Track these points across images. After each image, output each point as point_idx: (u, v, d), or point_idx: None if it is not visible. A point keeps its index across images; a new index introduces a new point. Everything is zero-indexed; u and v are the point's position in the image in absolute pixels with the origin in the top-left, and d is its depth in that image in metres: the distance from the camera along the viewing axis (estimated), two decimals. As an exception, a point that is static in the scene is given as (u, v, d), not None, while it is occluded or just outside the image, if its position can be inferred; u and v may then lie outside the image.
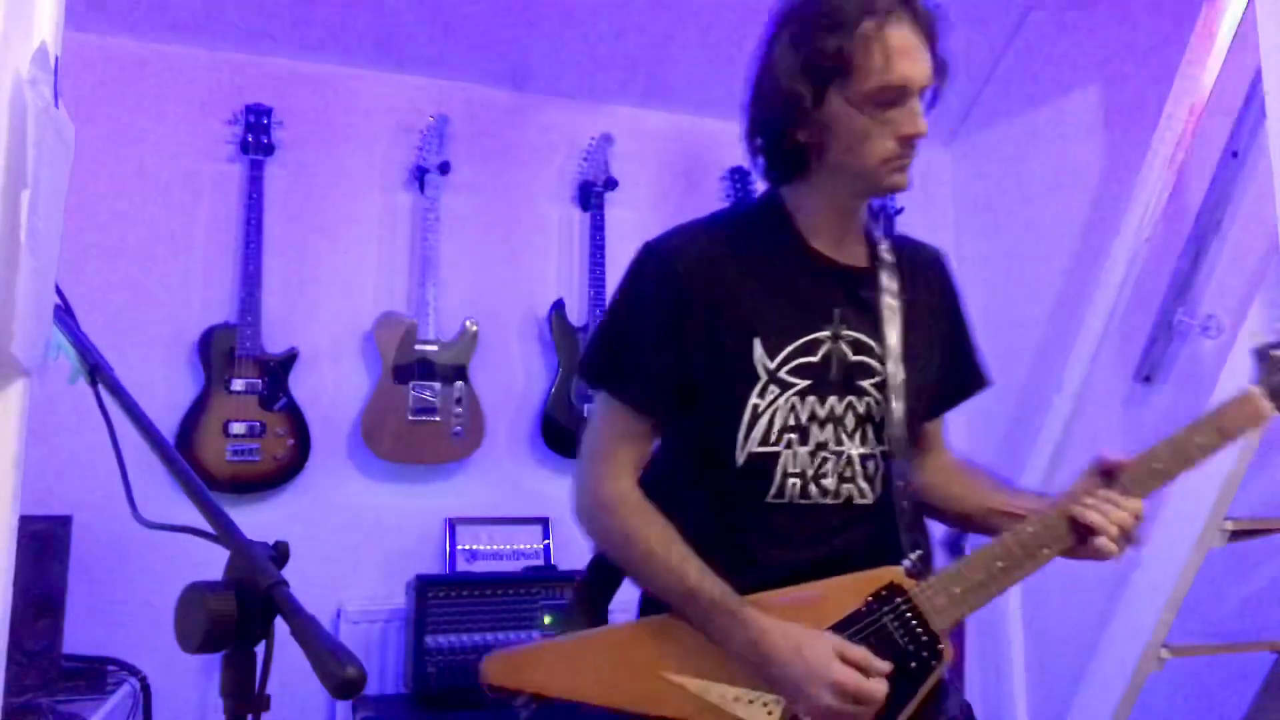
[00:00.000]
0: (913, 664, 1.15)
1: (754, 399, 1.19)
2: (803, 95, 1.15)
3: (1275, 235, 1.95)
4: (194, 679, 2.49)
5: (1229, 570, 2.31)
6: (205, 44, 2.81)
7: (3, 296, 0.93)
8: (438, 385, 2.77)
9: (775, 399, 1.20)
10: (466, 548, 2.79)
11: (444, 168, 2.89)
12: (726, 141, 3.22)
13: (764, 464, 1.20)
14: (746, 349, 1.20)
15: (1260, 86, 1.91)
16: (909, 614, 1.16)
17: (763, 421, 1.20)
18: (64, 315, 1.08)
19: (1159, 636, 2.13)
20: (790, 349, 1.21)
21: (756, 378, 1.20)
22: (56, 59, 1.08)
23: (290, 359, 2.70)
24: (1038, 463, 2.70)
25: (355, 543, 2.75)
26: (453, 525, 2.81)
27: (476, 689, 2.51)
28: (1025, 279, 3.17)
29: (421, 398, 2.75)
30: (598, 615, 1.32)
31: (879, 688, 1.09)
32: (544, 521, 2.85)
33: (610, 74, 3.11)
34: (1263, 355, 1.16)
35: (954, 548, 3.04)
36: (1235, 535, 2.06)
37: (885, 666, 1.11)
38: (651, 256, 1.25)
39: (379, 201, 2.95)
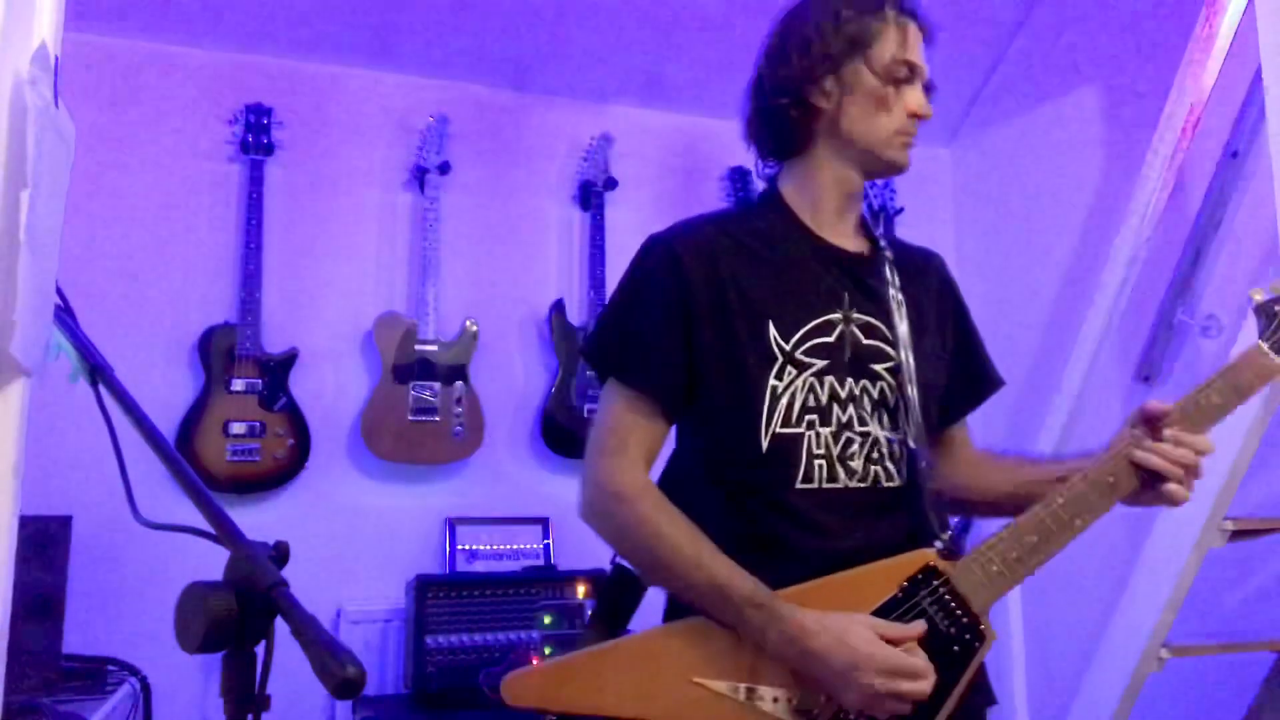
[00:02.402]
0: (956, 647, 1.13)
1: (772, 380, 1.18)
2: (831, 51, 1.21)
3: (1275, 235, 1.95)
4: (194, 679, 2.49)
5: (1229, 570, 2.31)
6: (205, 44, 2.81)
7: (3, 296, 0.93)
8: (438, 385, 2.77)
9: (794, 380, 1.19)
10: (466, 548, 2.79)
11: (444, 168, 2.89)
12: (726, 141, 3.21)
13: (788, 446, 1.18)
14: (761, 331, 1.19)
15: (1260, 86, 1.91)
16: (947, 596, 1.13)
17: (783, 403, 1.18)
18: (64, 315, 1.08)
19: (1159, 636, 2.13)
20: (805, 330, 1.20)
21: (773, 359, 1.18)
22: (56, 59, 1.08)
23: (290, 359, 2.70)
24: (1038, 463, 2.69)
25: (355, 543, 2.75)
26: (453, 525, 2.80)
27: (476, 689, 2.51)
28: (1025, 279, 3.17)
29: (421, 398, 2.75)
30: (619, 630, 1.26)
31: (923, 662, 1.08)
32: (544, 521, 2.85)
33: (610, 74, 3.11)
34: (1266, 311, 1.16)
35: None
36: (1235, 535, 2.06)
37: (920, 630, 1.10)
38: (656, 245, 1.26)
39: (379, 201, 2.95)
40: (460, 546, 2.79)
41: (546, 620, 2.53)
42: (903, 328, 1.24)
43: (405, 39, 2.90)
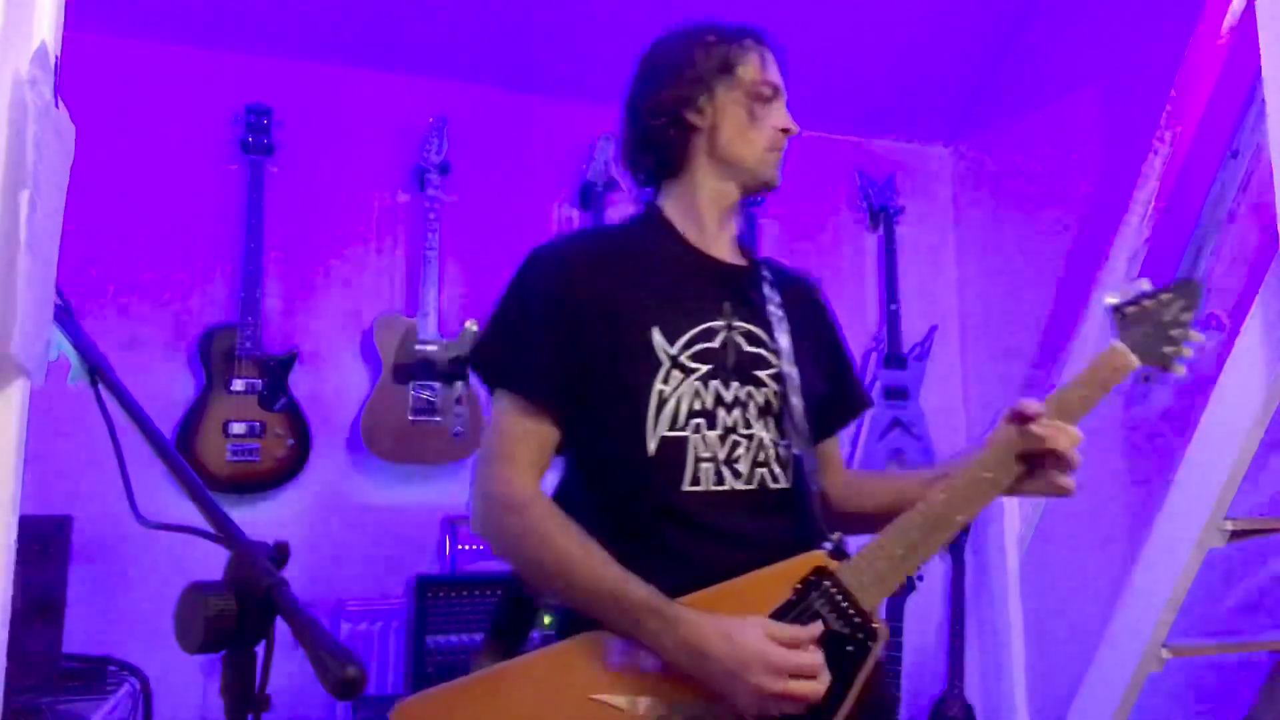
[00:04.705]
0: (850, 647, 1.13)
1: (658, 385, 1.20)
2: (702, 73, 1.30)
3: (1275, 235, 1.95)
4: (194, 679, 2.49)
5: (1229, 570, 2.31)
6: (205, 44, 2.81)
7: (3, 296, 0.93)
8: (438, 385, 2.77)
9: (679, 384, 1.20)
10: (466, 548, 2.79)
11: (444, 168, 2.89)
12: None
13: (675, 449, 1.19)
14: (645, 337, 1.21)
15: (1260, 86, 1.91)
16: (838, 595, 1.14)
17: (669, 406, 1.20)
18: (64, 315, 1.08)
19: (1159, 636, 2.13)
20: (689, 335, 1.23)
21: (659, 364, 1.20)
22: (56, 59, 1.08)
23: (290, 359, 2.69)
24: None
25: (355, 542, 2.75)
26: (452, 525, 2.80)
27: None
28: (1025, 278, 3.17)
29: (421, 398, 2.75)
30: (515, 650, 1.26)
31: (814, 659, 1.08)
32: (544, 521, 2.85)
33: (610, 74, 3.10)
34: (1118, 312, 1.25)
35: (953, 546, 3.03)
36: (1235, 535, 2.06)
37: (815, 632, 1.10)
38: (538, 257, 1.31)
39: (379, 201, 2.95)
40: (460, 546, 2.79)
41: (546, 621, 2.53)
42: (784, 340, 1.28)
43: (405, 39, 2.90)
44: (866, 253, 3.46)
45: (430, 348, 2.78)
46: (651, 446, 1.19)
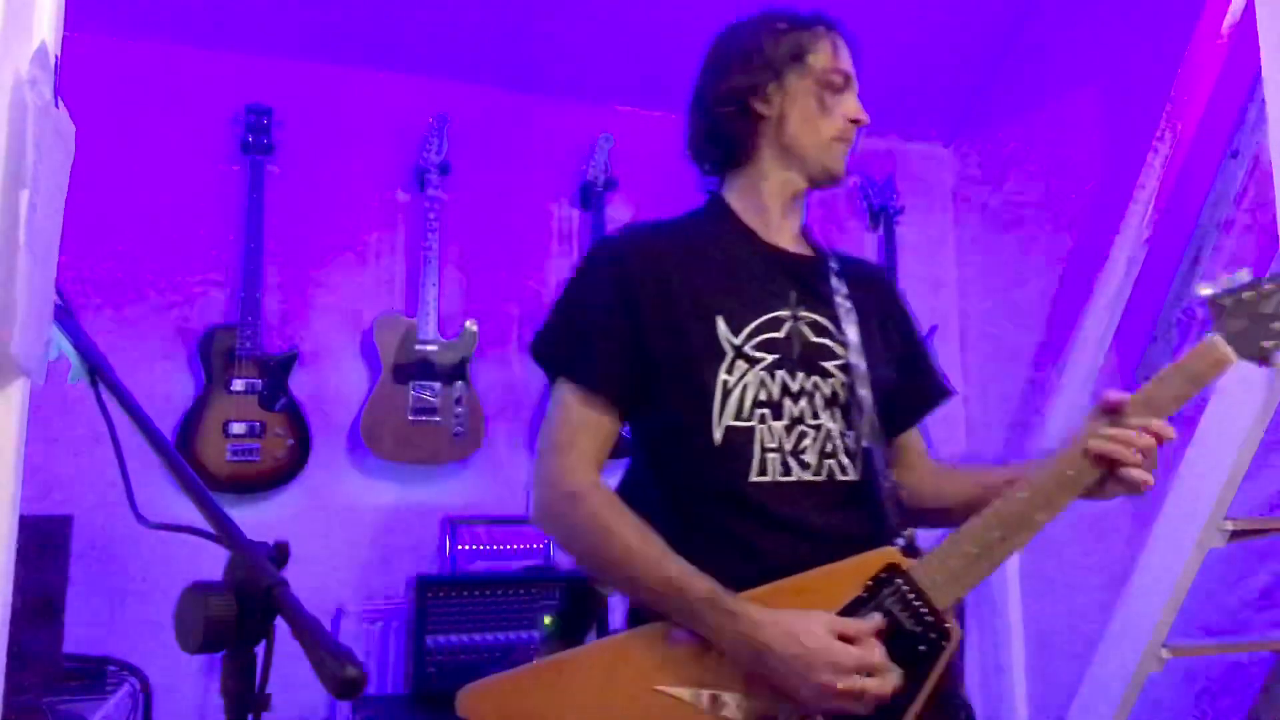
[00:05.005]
0: (921, 646, 1.10)
1: (723, 375, 1.19)
2: (773, 61, 1.28)
3: (1275, 235, 1.95)
4: (194, 679, 2.48)
5: (1229, 570, 2.31)
6: (205, 44, 2.81)
7: (3, 296, 0.93)
8: (438, 385, 2.77)
9: (744, 374, 1.19)
10: (466, 547, 2.79)
11: (444, 168, 2.89)
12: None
13: (741, 440, 1.18)
14: (709, 327, 1.20)
15: (1260, 86, 1.91)
16: (911, 594, 1.11)
17: (734, 397, 1.19)
18: (64, 315, 1.08)
19: (1159, 636, 2.13)
20: (754, 325, 1.22)
21: (723, 354, 1.19)
22: (56, 59, 1.08)
23: (290, 359, 2.69)
24: (1038, 463, 2.69)
25: (355, 542, 2.75)
26: (453, 525, 2.80)
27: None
28: (1025, 279, 3.17)
29: (421, 398, 2.75)
30: (579, 639, 1.26)
31: (880, 658, 1.06)
32: (544, 521, 2.85)
33: (610, 74, 3.11)
34: (1214, 304, 1.21)
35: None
36: (1235, 535, 2.06)
37: (875, 624, 1.08)
38: (603, 248, 1.30)
39: (379, 201, 2.95)
40: (460, 546, 2.79)
41: (546, 621, 2.53)
42: (852, 332, 1.26)
43: (405, 39, 2.90)
44: (866, 252, 3.46)
45: (430, 348, 2.78)
46: (717, 436, 1.18)
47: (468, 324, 2.86)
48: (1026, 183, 3.23)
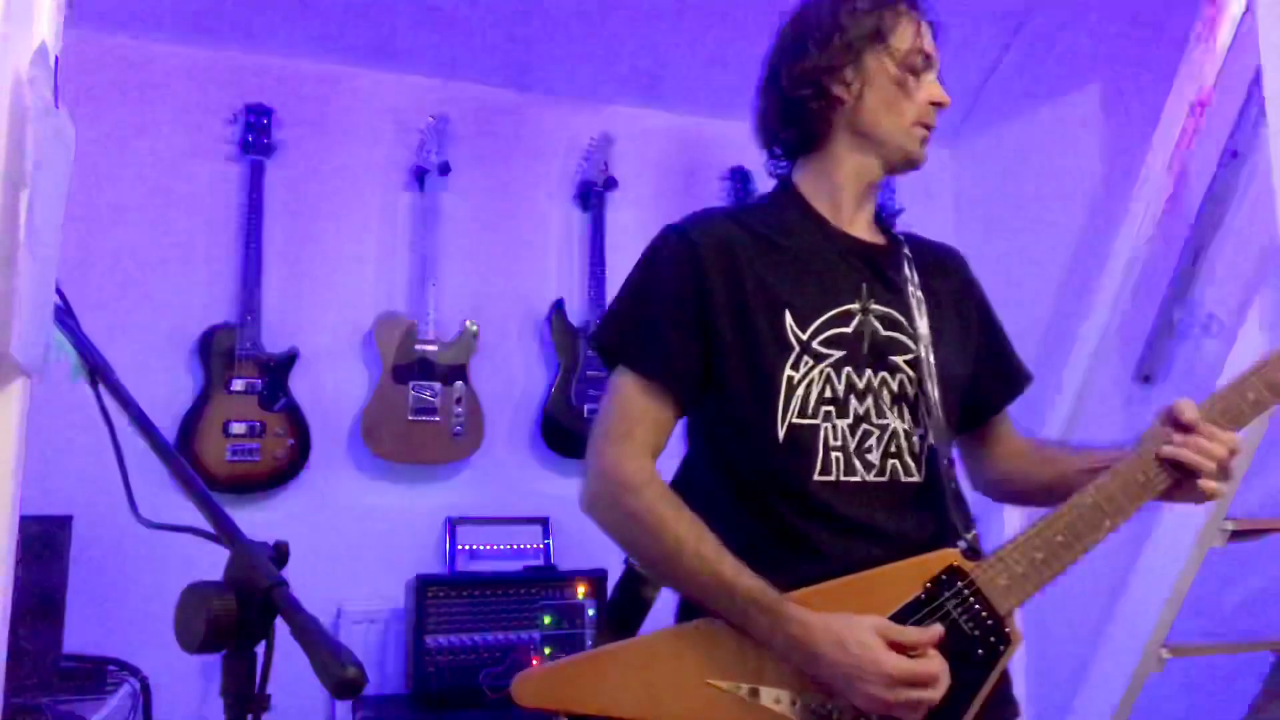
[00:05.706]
0: (980, 650, 1.08)
1: (788, 370, 1.15)
2: (852, 41, 1.22)
3: (1275, 235, 1.95)
4: (194, 679, 2.48)
5: (1229, 570, 2.31)
6: (205, 44, 2.81)
7: (3, 296, 0.93)
8: (438, 385, 2.77)
9: (809, 370, 1.16)
10: (466, 547, 2.79)
11: (444, 168, 2.89)
12: (726, 141, 3.22)
13: (805, 437, 1.15)
14: (777, 321, 1.17)
15: (1260, 86, 1.91)
16: (972, 598, 1.09)
17: (799, 393, 1.15)
18: (64, 315, 1.08)
19: (1159, 636, 2.13)
20: (822, 320, 1.18)
21: (789, 348, 1.16)
22: (56, 59, 1.08)
23: (290, 359, 2.69)
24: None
25: (355, 542, 2.75)
26: (453, 525, 2.80)
27: (477, 689, 2.51)
28: (1025, 279, 3.17)
29: (421, 398, 2.75)
30: (631, 631, 1.22)
31: (930, 667, 1.03)
32: (544, 521, 2.85)
33: (610, 74, 3.11)
34: None
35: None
36: (1235, 535, 2.06)
37: (935, 635, 1.05)
38: (671, 234, 1.24)
39: (379, 201, 2.95)
40: (460, 546, 2.79)
41: (546, 621, 2.53)
42: (923, 324, 1.22)
43: (405, 39, 2.90)
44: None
45: (430, 348, 2.78)
46: (781, 433, 1.15)
47: (468, 324, 2.86)
48: (1026, 184, 3.23)
